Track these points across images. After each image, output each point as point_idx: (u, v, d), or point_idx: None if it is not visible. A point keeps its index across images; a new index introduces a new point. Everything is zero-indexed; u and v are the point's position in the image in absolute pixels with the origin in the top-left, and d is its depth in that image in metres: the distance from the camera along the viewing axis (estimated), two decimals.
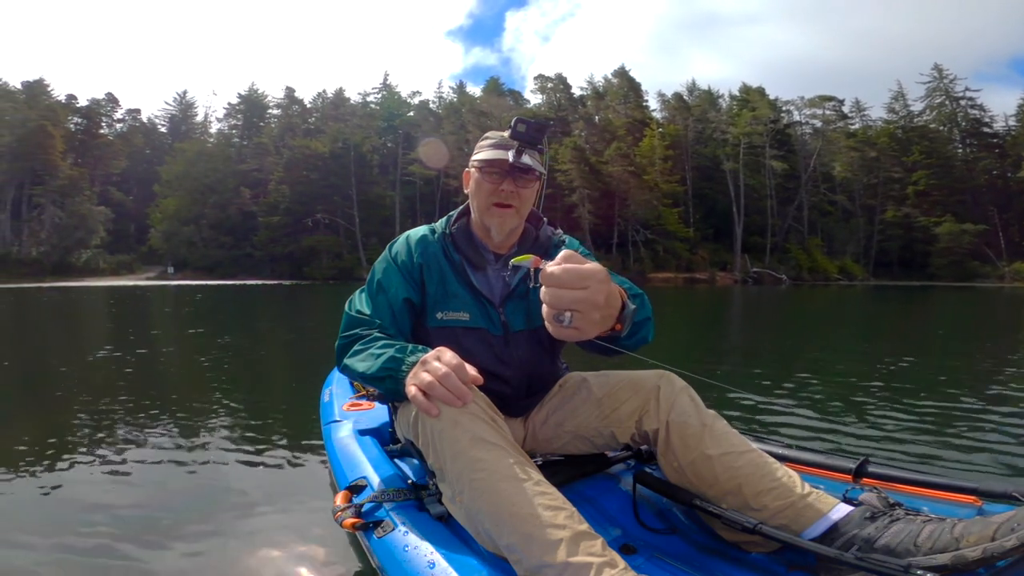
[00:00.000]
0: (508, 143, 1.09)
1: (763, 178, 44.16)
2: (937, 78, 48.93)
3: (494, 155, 1.10)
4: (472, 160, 1.15)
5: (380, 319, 1.11)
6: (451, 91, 57.13)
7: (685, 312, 12.29)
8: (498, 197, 1.10)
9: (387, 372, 0.96)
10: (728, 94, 51.34)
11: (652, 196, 40.34)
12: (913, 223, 43.60)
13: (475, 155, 1.15)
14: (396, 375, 0.94)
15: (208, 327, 8.12)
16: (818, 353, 5.50)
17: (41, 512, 1.63)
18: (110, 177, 49.29)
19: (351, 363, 1.05)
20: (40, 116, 42.58)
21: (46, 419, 2.72)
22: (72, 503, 1.69)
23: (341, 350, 1.09)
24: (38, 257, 38.73)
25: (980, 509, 0.97)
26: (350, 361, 1.05)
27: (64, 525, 1.53)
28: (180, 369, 4.45)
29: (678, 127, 46.51)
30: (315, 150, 43.66)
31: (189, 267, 40.94)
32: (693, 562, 0.97)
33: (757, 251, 42.42)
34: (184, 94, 60.68)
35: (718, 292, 23.15)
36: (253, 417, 2.71)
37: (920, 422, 2.69)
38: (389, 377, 0.95)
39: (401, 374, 0.93)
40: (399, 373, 0.94)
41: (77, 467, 2.01)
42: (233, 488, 1.82)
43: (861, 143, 47.22)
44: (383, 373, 0.96)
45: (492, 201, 1.11)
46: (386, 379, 0.96)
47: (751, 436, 1.15)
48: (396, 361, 0.95)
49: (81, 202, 41.31)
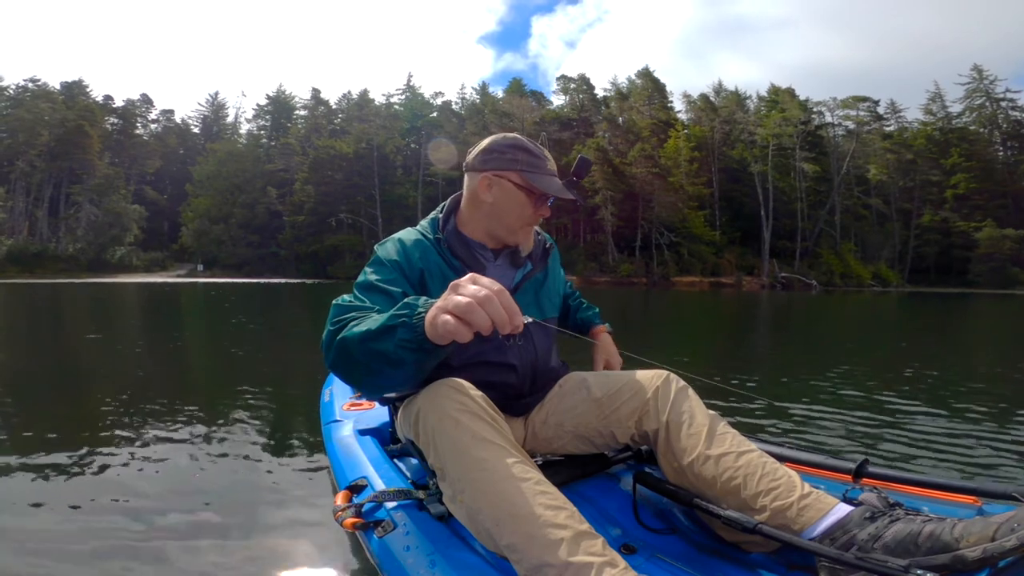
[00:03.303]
0: (552, 170, 1.13)
1: (793, 181, 43.17)
2: (976, 79, 47.18)
3: (558, 191, 1.12)
4: (524, 179, 1.09)
5: (379, 307, 0.98)
6: (473, 92, 57.56)
7: (707, 317, 12.11)
8: (535, 220, 1.14)
9: (399, 319, 0.80)
10: (756, 95, 50.48)
11: (677, 198, 39.81)
12: (951, 228, 42.08)
13: (527, 173, 1.09)
14: (410, 319, 0.79)
15: (214, 326, 8.24)
16: (835, 357, 5.35)
17: (27, 507, 1.61)
18: (145, 176, 51.17)
19: (347, 334, 0.88)
20: (78, 116, 44.43)
21: (40, 418, 2.67)
22: (69, 501, 1.67)
23: (330, 337, 0.92)
24: (75, 254, 40.28)
25: (980, 509, 0.97)
26: (346, 333, 0.88)
27: (59, 523, 1.51)
28: (180, 368, 4.44)
29: (704, 128, 45.81)
30: (339, 151, 44.50)
31: (218, 265, 42.11)
32: (693, 562, 0.97)
33: (786, 256, 41.47)
34: (216, 95, 62.75)
35: (744, 297, 22.65)
36: (253, 417, 2.69)
37: (922, 422, 2.67)
38: (402, 324, 0.80)
39: (417, 317, 0.78)
40: (413, 317, 0.79)
41: (75, 465, 1.98)
42: (232, 488, 1.81)
43: (897, 145, 45.74)
44: (393, 321, 0.81)
45: (528, 222, 1.14)
46: (397, 327, 0.80)
47: (751, 436, 1.14)
48: (409, 307, 0.81)
49: (117, 200, 42.91)
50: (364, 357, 0.86)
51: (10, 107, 44.83)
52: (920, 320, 11.69)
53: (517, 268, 1.19)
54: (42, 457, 2.05)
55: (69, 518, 1.55)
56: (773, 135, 42.85)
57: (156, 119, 58.00)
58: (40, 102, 44.62)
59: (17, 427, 2.47)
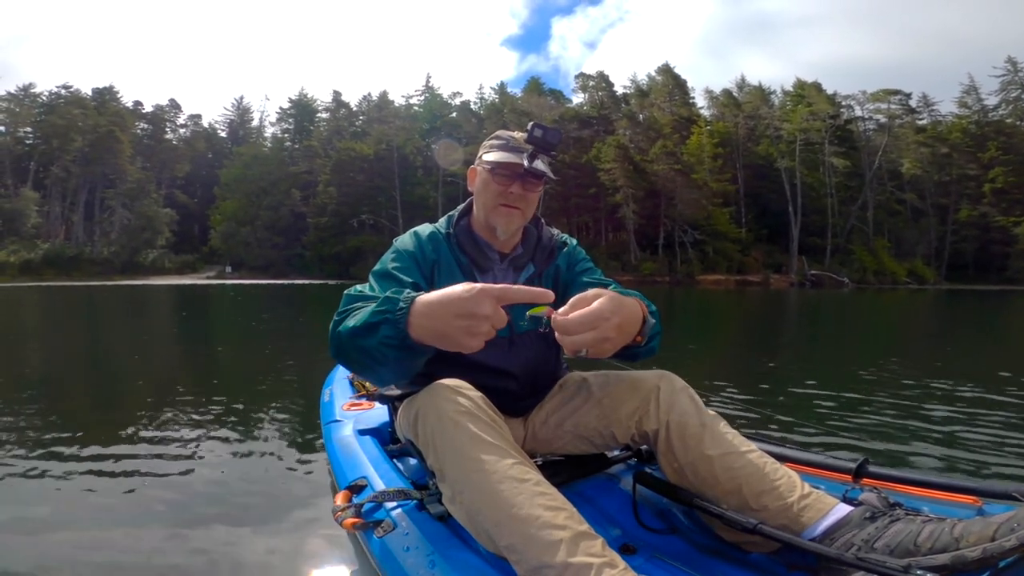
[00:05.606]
0: (520, 146, 1.11)
1: (822, 176, 42.16)
2: (1011, 71, 45.45)
3: (507, 158, 1.11)
4: (482, 159, 1.15)
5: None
6: (492, 92, 57.65)
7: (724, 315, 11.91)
8: (506, 199, 1.12)
9: (381, 315, 0.83)
10: (780, 90, 49.36)
11: (701, 195, 39.20)
12: (990, 223, 40.53)
13: (485, 154, 1.15)
14: (392, 315, 0.82)
15: (227, 327, 8.39)
16: (846, 356, 5.28)
17: (23, 508, 1.63)
18: (175, 180, 52.59)
19: (341, 328, 0.91)
20: (109, 122, 45.88)
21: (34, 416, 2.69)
22: (66, 501, 1.68)
23: (332, 328, 0.94)
24: (109, 257, 41.65)
25: (980, 509, 0.96)
26: (341, 327, 0.91)
27: (53, 521, 1.53)
28: (182, 369, 4.48)
29: (728, 124, 45.02)
30: (360, 152, 45.04)
31: (245, 267, 43.06)
32: (693, 562, 0.96)
33: (816, 252, 40.48)
34: (241, 99, 64.31)
35: (771, 295, 22.16)
36: (253, 417, 2.70)
37: (922, 422, 2.64)
38: (384, 321, 0.82)
39: (399, 312, 0.81)
40: (395, 312, 0.82)
41: (72, 463, 1.99)
42: (232, 487, 1.81)
43: (932, 138, 44.16)
44: (376, 318, 0.84)
45: (499, 202, 1.12)
46: (380, 324, 0.83)
47: (751, 436, 1.13)
48: (391, 301, 0.83)
49: (148, 204, 44.28)
50: (354, 353, 0.89)
51: (43, 113, 46.57)
52: (947, 319, 11.33)
53: (520, 271, 1.20)
54: (29, 453, 2.08)
55: (65, 517, 1.56)
56: (800, 130, 41.89)
57: (184, 124, 59.58)
58: (72, 108, 46.06)
59: (15, 427, 2.50)
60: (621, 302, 0.84)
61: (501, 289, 0.78)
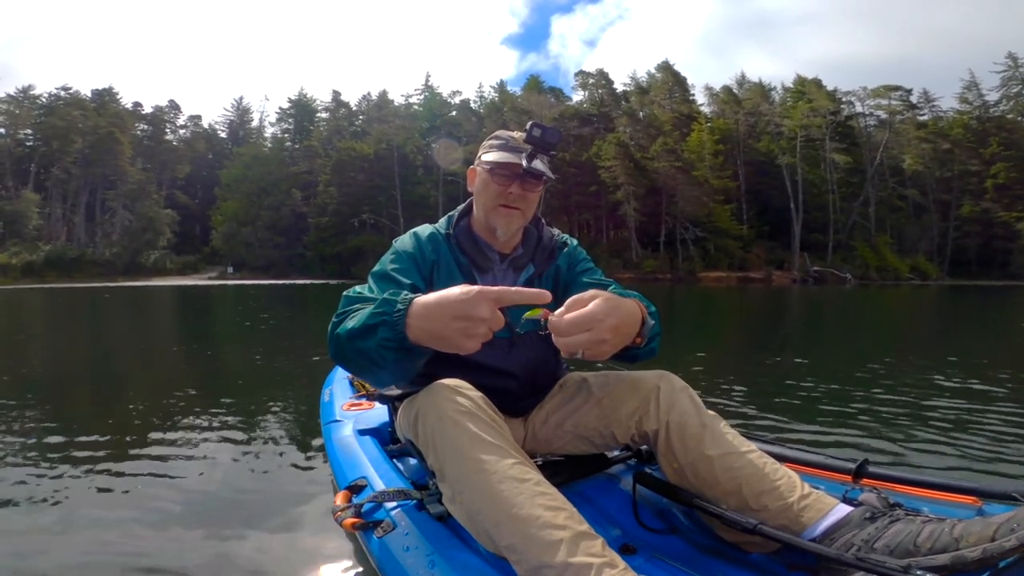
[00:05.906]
0: (519, 146, 1.10)
1: (824, 172, 42.03)
2: (1012, 67, 45.24)
3: (505, 158, 1.10)
4: (481, 160, 1.15)
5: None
6: (492, 91, 57.58)
7: (724, 313, 11.89)
8: (505, 199, 1.11)
9: (379, 317, 0.84)
10: (781, 86, 49.23)
11: (702, 192, 39.12)
12: (993, 219, 40.39)
13: (483, 155, 1.14)
14: (390, 317, 0.82)
15: (225, 327, 8.41)
16: (845, 355, 5.25)
17: (24, 508, 1.63)
18: (175, 181, 52.67)
19: (340, 330, 0.91)
20: (109, 123, 45.91)
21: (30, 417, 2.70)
22: (63, 500, 1.68)
23: (331, 330, 0.95)
24: (111, 258, 41.73)
25: (980, 509, 0.95)
26: (340, 328, 0.92)
27: (50, 521, 1.54)
28: (182, 369, 4.47)
29: (728, 121, 44.91)
30: (360, 152, 45.03)
31: (247, 267, 43.11)
32: (693, 562, 0.96)
33: (818, 249, 40.38)
34: (240, 100, 64.32)
35: (774, 292, 22.11)
36: (253, 417, 2.69)
37: (922, 422, 2.63)
38: (382, 323, 0.83)
39: (397, 314, 0.82)
40: (393, 314, 0.82)
41: (73, 463, 2.00)
42: (232, 487, 1.81)
43: (933, 134, 44.01)
44: (374, 320, 0.84)
45: (499, 203, 1.12)
46: (378, 327, 0.83)
47: (751, 436, 1.13)
48: (389, 303, 0.84)
49: (149, 205, 44.38)
50: (352, 354, 0.90)
51: (43, 115, 46.64)
52: (950, 315, 11.29)
53: (520, 271, 1.20)
54: (31, 453, 2.09)
55: (66, 518, 1.56)
56: (801, 126, 41.74)
57: (184, 125, 59.62)
58: (72, 109, 46.14)
59: (17, 428, 2.52)
60: (618, 304, 0.82)
61: (498, 291, 0.78)
